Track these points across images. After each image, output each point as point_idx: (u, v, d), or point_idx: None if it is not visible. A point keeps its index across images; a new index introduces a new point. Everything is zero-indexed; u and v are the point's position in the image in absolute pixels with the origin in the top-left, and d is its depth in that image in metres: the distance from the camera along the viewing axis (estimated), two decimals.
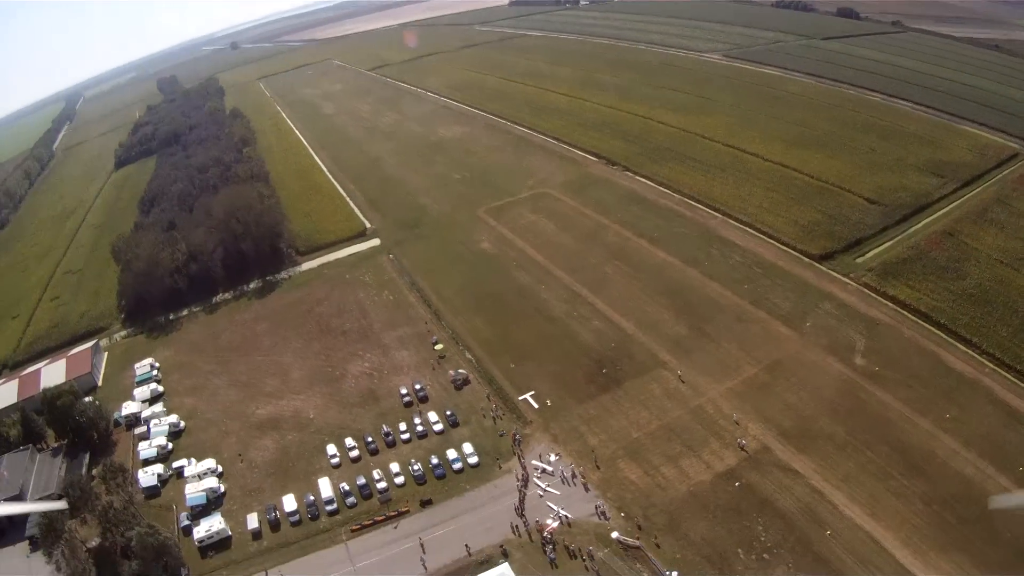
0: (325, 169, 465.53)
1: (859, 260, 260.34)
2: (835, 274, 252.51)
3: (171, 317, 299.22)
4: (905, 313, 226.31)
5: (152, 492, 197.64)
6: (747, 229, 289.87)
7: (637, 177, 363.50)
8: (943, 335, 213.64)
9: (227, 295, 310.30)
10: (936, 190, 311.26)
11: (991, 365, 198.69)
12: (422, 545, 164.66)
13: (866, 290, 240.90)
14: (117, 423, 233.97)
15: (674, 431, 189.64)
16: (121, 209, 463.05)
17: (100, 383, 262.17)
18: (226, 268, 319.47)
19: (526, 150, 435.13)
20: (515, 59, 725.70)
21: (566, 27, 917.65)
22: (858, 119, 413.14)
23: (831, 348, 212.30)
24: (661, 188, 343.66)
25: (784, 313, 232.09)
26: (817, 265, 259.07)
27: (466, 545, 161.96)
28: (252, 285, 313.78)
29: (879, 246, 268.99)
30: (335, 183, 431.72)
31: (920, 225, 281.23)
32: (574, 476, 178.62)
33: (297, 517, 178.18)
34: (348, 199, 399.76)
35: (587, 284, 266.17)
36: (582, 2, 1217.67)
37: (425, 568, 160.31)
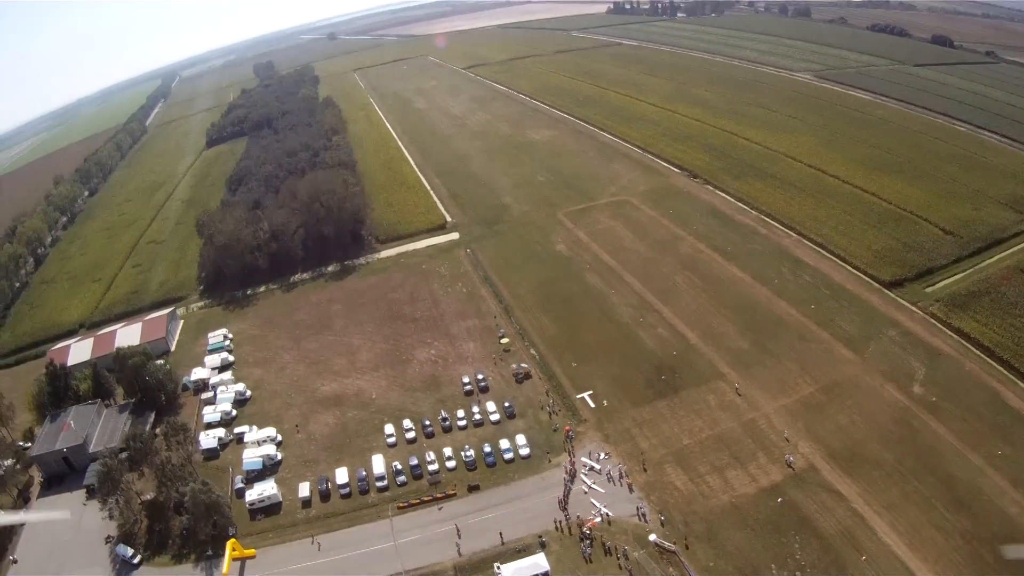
0: (412, 162, 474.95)
1: (928, 290, 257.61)
2: (903, 301, 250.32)
3: (248, 292, 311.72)
4: (968, 346, 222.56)
5: (211, 454, 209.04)
6: (820, 250, 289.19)
7: (717, 191, 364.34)
8: (1005, 371, 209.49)
9: (305, 275, 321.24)
10: (1013, 225, 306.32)
11: None
12: (458, 529, 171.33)
13: (932, 320, 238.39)
14: (185, 387, 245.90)
15: (724, 442, 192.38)
16: (209, 186, 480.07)
17: (173, 348, 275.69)
18: (306, 249, 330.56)
19: (611, 157, 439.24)
20: (608, 67, 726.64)
21: (661, 38, 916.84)
22: (942, 148, 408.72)
23: (891, 375, 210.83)
24: (740, 204, 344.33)
25: (847, 336, 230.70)
26: (886, 291, 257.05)
27: (500, 533, 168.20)
28: (330, 268, 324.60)
29: (950, 277, 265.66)
30: (421, 176, 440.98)
31: (993, 259, 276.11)
32: (620, 476, 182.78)
33: (348, 490, 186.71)
34: (432, 192, 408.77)
35: (656, 292, 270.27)
36: (679, 14, 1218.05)
37: (459, 552, 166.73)
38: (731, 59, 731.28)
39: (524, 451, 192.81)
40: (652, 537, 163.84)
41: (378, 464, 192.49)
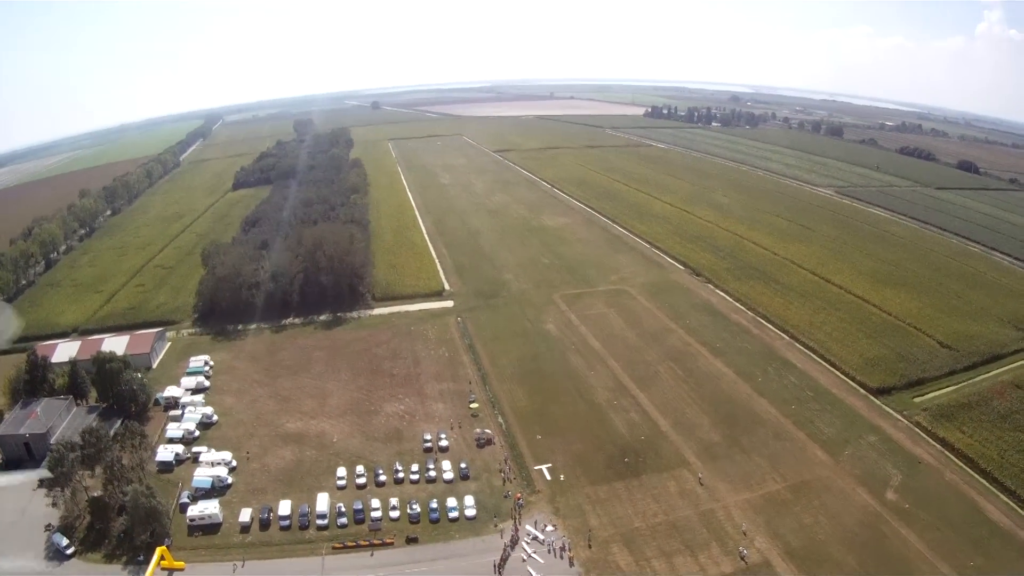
0: (424, 230, 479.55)
1: (917, 399, 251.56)
2: (888, 409, 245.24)
3: (239, 327, 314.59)
4: (951, 457, 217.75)
5: (166, 468, 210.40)
6: (810, 354, 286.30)
7: (716, 290, 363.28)
8: (986, 483, 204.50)
9: (296, 320, 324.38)
10: (1013, 342, 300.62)
11: None
12: None
13: (916, 428, 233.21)
14: (157, 402, 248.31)
15: (677, 529, 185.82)
16: (226, 225, 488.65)
17: (155, 366, 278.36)
18: (303, 295, 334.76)
19: (618, 248, 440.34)
20: (634, 165, 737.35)
21: (692, 144, 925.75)
22: (951, 265, 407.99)
23: (864, 479, 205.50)
24: (737, 303, 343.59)
25: (824, 438, 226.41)
26: (872, 398, 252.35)
27: None
28: (323, 317, 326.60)
29: (941, 389, 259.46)
30: (429, 244, 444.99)
31: (989, 374, 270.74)
32: (563, 549, 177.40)
33: (288, 522, 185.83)
34: (437, 261, 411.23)
35: (636, 379, 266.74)
36: (714, 123, 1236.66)
37: None
38: (756, 169, 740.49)
39: (470, 512, 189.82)
40: None
41: (322, 502, 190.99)
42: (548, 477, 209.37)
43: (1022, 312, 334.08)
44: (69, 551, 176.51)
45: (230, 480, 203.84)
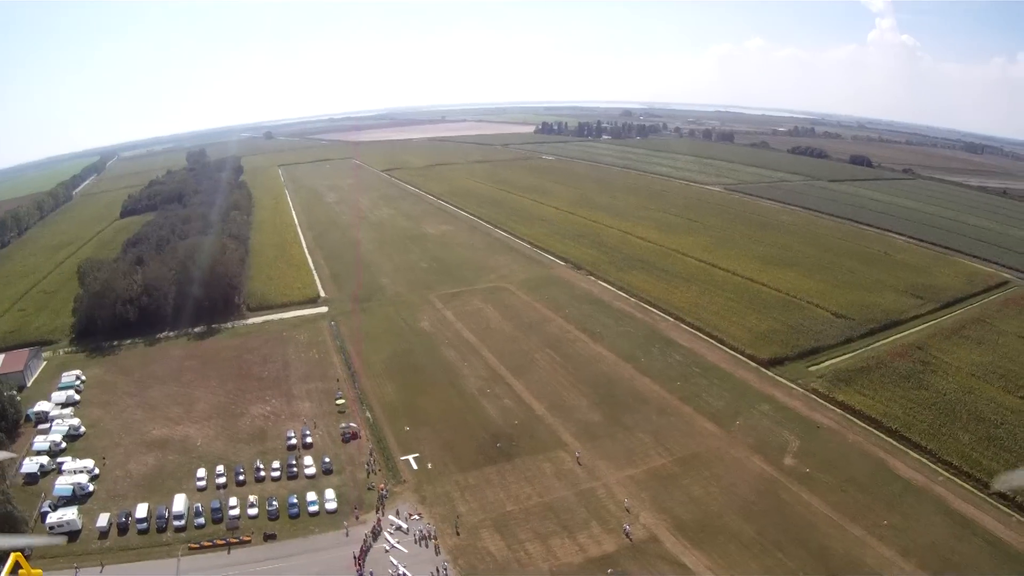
0: (304, 245, 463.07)
1: (812, 368, 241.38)
2: (781, 379, 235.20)
3: (115, 343, 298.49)
4: (853, 419, 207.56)
5: (31, 479, 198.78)
6: (696, 333, 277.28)
7: (599, 281, 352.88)
8: (894, 442, 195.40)
9: (171, 333, 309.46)
10: (912, 309, 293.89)
11: (946, 474, 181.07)
12: None
13: (812, 395, 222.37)
14: (28, 418, 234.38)
15: (553, 510, 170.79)
16: (111, 250, 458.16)
17: (29, 384, 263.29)
18: (177, 309, 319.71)
19: (499, 250, 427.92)
20: (520, 176, 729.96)
21: (580, 155, 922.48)
22: (844, 246, 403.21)
23: (758, 447, 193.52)
24: (619, 292, 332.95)
25: (713, 411, 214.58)
26: (763, 370, 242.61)
27: None
28: (197, 329, 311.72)
29: (837, 357, 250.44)
30: (308, 257, 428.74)
31: (888, 340, 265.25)
32: (428, 537, 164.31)
33: (145, 525, 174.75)
34: (314, 271, 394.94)
35: (511, 367, 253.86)
36: (604, 136, 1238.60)
37: None
38: (645, 173, 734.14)
39: (331, 505, 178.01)
40: None
41: (179, 503, 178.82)
42: (415, 467, 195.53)
43: (920, 282, 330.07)
44: None
45: (91, 488, 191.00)
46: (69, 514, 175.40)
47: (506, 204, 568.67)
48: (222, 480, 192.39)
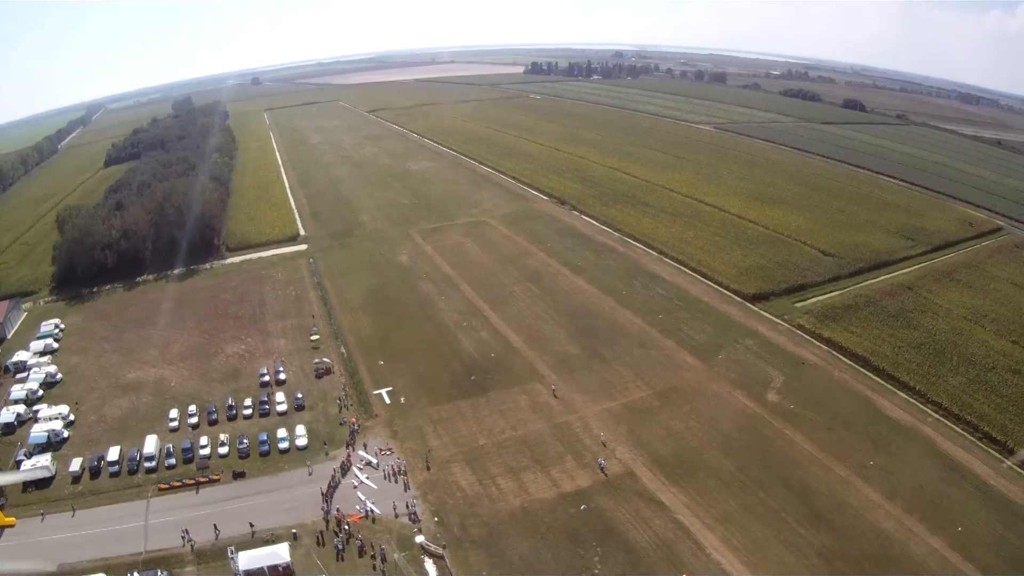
0: (287, 184, 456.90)
1: (798, 304, 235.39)
2: (766, 314, 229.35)
3: (95, 289, 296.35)
4: (840, 356, 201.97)
5: (8, 429, 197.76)
6: (680, 267, 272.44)
7: (582, 216, 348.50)
8: (881, 380, 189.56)
9: (150, 276, 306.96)
10: (903, 250, 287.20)
11: (935, 415, 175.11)
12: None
13: (798, 331, 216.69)
14: (7, 369, 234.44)
15: (527, 443, 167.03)
16: (95, 198, 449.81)
17: (9, 336, 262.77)
18: (156, 251, 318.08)
19: (483, 185, 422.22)
20: (507, 114, 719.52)
21: (569, 94, 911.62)
22: (835, 186, 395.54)
23: (740, 382, 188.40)
24: (602, 226, 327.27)
25: (696, 344, 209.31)
26: (748, 304, 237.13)
27: (250, 523, 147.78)
28: (176, 271, 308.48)
29: (825, 293, 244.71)
30: (290, 196, 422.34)
31: (878, 280, 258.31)
32: (398, 473, 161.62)
33: (117, 468, 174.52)
34: (295, 210, 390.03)
35: (489, 300, 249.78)
36: (594, 76, 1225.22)
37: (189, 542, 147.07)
38: (634, 112, 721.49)
39: (301, 442, 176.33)
40: (419, 539, 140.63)
41: (150, 444, 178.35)
42: (387, 401, 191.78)
43: (912, 224, 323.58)
44: None
45: (66, 434, 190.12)
46: (43, 461, 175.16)
47: (492, 141, 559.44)
48: (194, 420, 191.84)
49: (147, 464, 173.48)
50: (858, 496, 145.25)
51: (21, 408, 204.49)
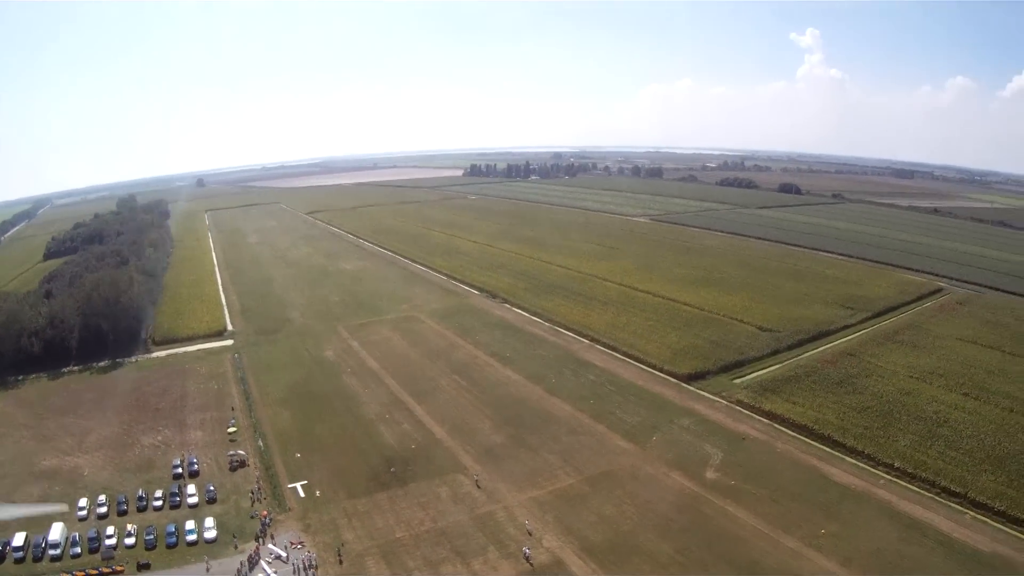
0: (220, 282, 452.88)
1: (736, 381, 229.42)
2: (703, 392, 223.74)
3: (20, 377, 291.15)
4: (782, 428, 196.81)
5: None
6: (612, 352, 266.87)
7: (513, 308, 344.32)
8: (827, 448, 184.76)
9: (75, 367, 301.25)
10: (843, 319, 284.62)
11: (888, 476, 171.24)
12: None
13: (737, 407, 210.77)
14: None
15: (447, 535, 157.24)
16: (31, 289, 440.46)
17: None
18: (83, 342, 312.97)
19: (414, 282, 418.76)
20: (444, 214, 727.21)
21: (507, 193, 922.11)
22: (771, 265, 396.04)
23: (677, 463, 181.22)
24: (533, 317, 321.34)
25: (628, 428, 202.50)
26: (684, 385, 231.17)
27: None
28: (102, 363, 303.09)
29: (764, 368, 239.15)
30: (221, 293, 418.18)
31: (818, 350, 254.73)
32: (308, 567, 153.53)
33: (21, 555, 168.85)
34: (225, 306, 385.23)
35: (414, 393, 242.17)
36: (533, 177, 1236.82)
37: None
38: (571, 209, 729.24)
39: (210, 534, 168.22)
40: None
41: (56, 532, 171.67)
42: (302, 494, 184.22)
43: (851, 293, 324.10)
44: None
45: None
46: None
47: (426, 240, 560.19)
48: (103, 510, 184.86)
49: (52, 552, 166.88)
50: (811, 566, 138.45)
51: None
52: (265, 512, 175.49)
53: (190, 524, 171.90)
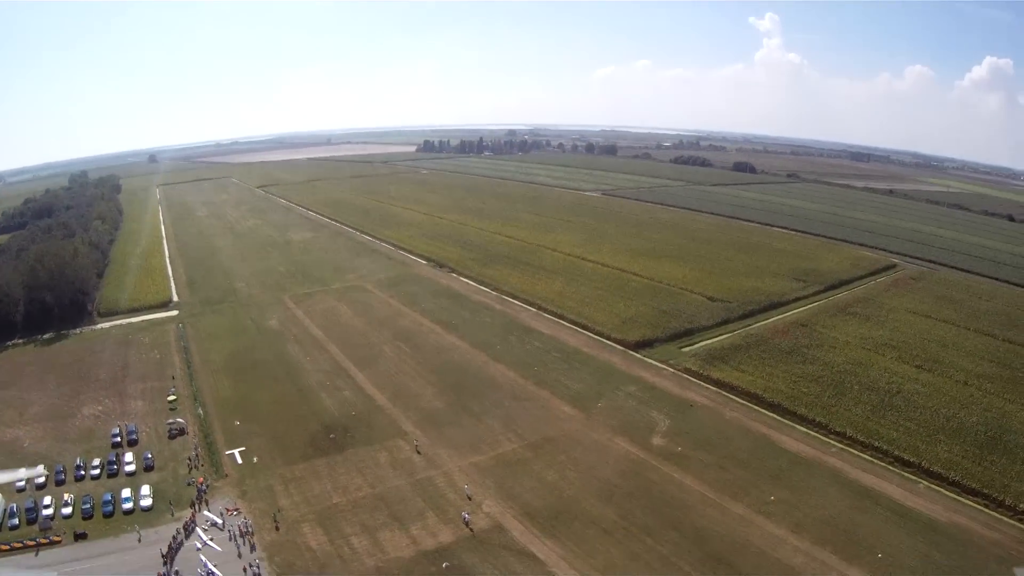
0: (167, 253, 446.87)
1: (685, 349, 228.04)
2: (650, 360, 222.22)
3: None
4: (731, 396, 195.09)
5: None
6: (559, 320, 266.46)
7: (460, 277, 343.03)
8: (778, 416, 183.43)
9: (19, 340, 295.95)
10: (795, 292, 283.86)
11: (839, 444, 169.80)
12: None
13: (685, 375, 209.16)
14: None
15: (385, 501, 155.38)
16: None
17: None
18: (27, 315, 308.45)
19: (361, 253, 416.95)
20: (394, 188, 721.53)
21: (460, 168, 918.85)
22: (723, 238, 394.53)
23: (622, 428, 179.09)
24: (480, 286, 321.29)
25: (573, 394, 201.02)
26: (631, 352, 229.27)
27: None
28: (46, 335, 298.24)
29: (713, 337, 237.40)
30: (168, 265, 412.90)
31: (769, 321, 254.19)
32: (244, 534, 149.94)
33: None
34: (172, 278, 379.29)
35: (356, 360, 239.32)
36: (486, 152, 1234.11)
37: None
38: (523, 183, 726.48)
39: (145, 502, 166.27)
40: None
41: None
42: (240, 461, 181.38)
43: (803, 267, 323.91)
44: None
45: None
46: None
47: (375, 212, 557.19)
48: (41, 480, 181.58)
49: None
50: (760, 533, 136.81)
51: None
52: (201, 479, 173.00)
53: (126, 492, 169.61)
